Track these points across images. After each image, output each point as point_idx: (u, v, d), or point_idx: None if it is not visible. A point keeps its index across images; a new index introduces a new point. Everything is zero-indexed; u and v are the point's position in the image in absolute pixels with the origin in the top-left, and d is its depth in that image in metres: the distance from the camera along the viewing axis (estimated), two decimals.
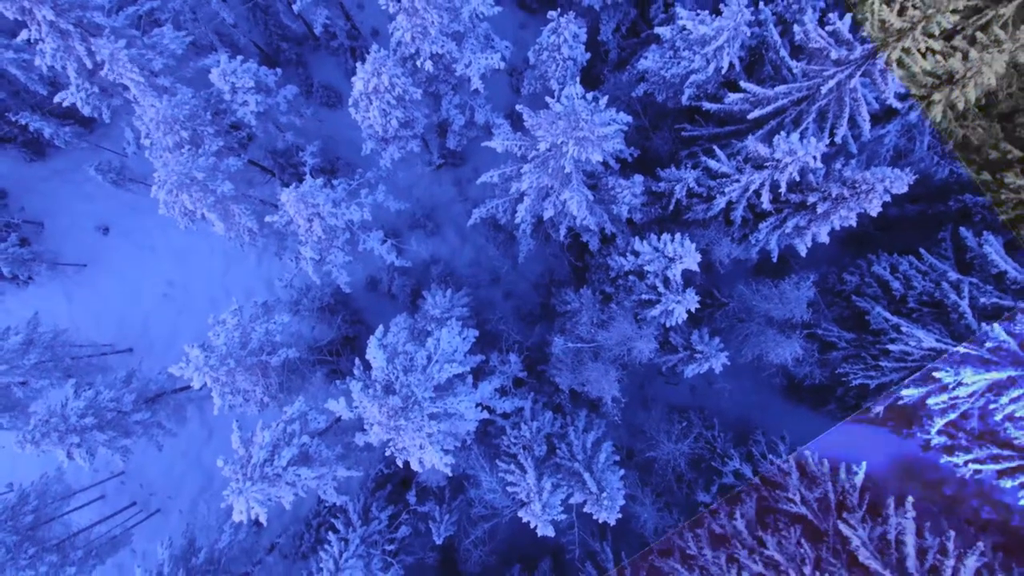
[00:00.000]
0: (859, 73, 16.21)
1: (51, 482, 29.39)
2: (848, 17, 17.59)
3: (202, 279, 36.56)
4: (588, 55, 24.30)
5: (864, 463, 24.61)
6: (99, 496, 36.08)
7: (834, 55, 16.43)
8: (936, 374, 19.32)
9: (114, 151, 35.58)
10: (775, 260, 22.74)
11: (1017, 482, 24.43)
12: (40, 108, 30.34)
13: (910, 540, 22.41)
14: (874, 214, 16.85)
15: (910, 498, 22.55)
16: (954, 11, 13.66)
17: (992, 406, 21.81)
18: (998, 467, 24.73)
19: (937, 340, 20.09)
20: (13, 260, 31.25)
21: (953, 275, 22.12)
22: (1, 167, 36.92)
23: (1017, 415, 22.38)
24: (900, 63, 15.97)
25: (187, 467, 36.12)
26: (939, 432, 26.04)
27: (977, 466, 25.01)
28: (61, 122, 30.73)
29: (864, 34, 16.00)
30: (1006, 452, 24.91)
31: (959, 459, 25.37)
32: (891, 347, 21.23)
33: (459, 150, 29.91)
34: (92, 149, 35.12)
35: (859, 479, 24.36)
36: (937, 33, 14.68)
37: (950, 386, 18.98)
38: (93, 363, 31.72)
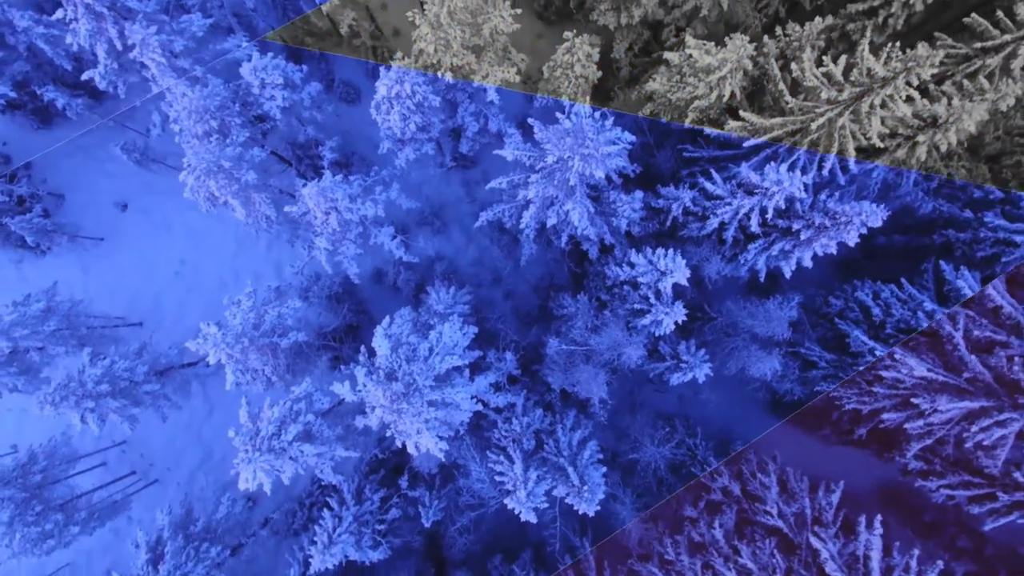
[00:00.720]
0: (848, 112, 17.49)
1: (59, 445, 30.64)
2: (843, 59, 18.90)
3: (214, 260, 37.82)
4: (600, 73, 25.61)
5: (842, 482, 25.85)
6: (101, 463, 37.35)
7: (825, 95, 17.72)
8: (914, 400, 20.62)
9: (137, 131, 36.87)
10: (763, 280, 24.04)
11: (985, 508, 25.58)
12: (62, 81, 31.49)
13: (875, 556, 23.63)
14: (852, 244, 18.14)
15: (879, 516, 23.74)
16: (932, 65, 14.96)
17: (965, 434, 23.09)
18: (968, 493, 25.85)
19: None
20: (37, 230, 32.53)
21: (929, 305, 23.39)
22: (24, 140, 38.24)
23: (986, 444, 23.66)
24: (884, 106, 17.22)
25: (188, 441, 37.35)
26: (916, 457, 27.31)
27: (949, 491, 26.16)
28: (82, 98, 31.88)
29: (853, 78, 17.26)
30: (976, 479, 26.06)
31: (933, 484, 26.59)
32: (884, 374, 22.41)
33: (471, 154, 31.20)
34: (117, 128, 36.39)
35: (836, 497, 25.56)
36: (916, 84, 15.99)
37: (927, 412, 20.23)
38: (106, 334, 32.95)
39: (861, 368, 23.02)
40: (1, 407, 36.41)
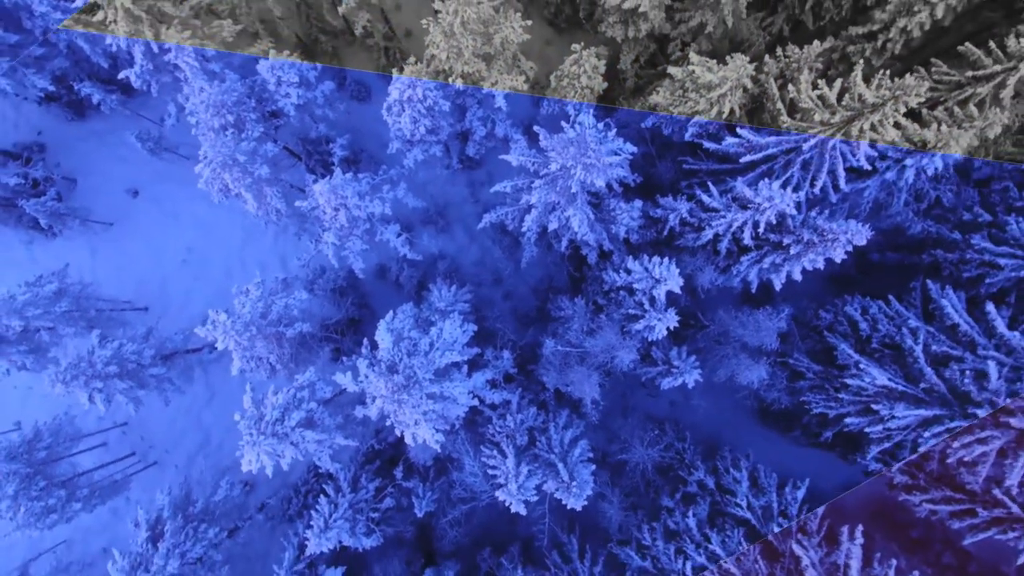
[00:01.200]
0: (839, 135, 18.31)
1: (63, 423, 31.40)
2: (838, 83, 19.72)
3: (220, 250, 38.60)
4: (605, 84, 26.40)
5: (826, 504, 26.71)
6: (101, 443, 38.08)
7: (818, 116, 18.55)
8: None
9: (152, 120, 37.66)
10: (754, 291, 24.86)
11: (965, 524, 26.36)
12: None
13: (855, 565, 24.44)
14: (838, 260, 18.97)
15: (860, 527, 24.56)
16: (918, 95, 15.77)
17: (948, 450, 23.90)
18: (950, 508, 26.62)
19: (890, 379, 22.21)
20: (51, 213, 33.29)
21: (914, 322, 24.20)
22: (42, 123, 39.05)
23: (967, 460, 24.46)
24: (874, 130, 18.05)
25: (188, 425, 38.12)
26: (902, 472, 28.16)
27: (932, 506, 26.94)
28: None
29: (845, 102, 18.08)
30: (958, 495, 26.83)
31: (916, 498, 27.39)
32: (849, 382, 23.36)
33: (477, 157, 32.02)
34: (132, 116, 37.16)
35: (820, 508, 26.37)
36: (903, 112, 16.81)
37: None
38: (113, 317, 33.73)
39: (847, 379, 23.82)
40: (7, 384, 37.17)
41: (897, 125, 18.13)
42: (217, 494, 30.45)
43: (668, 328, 21.86)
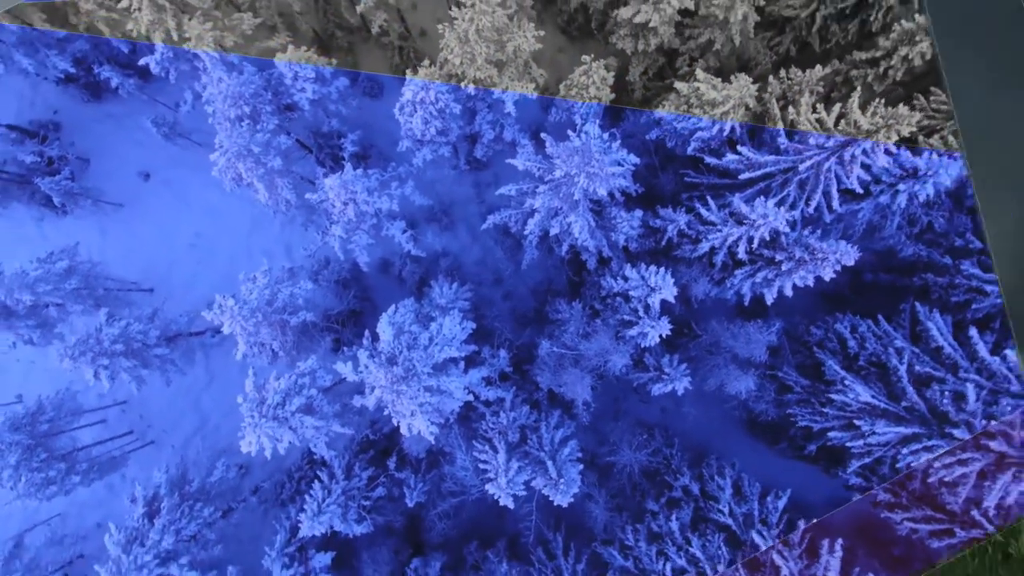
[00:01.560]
0: (833, 158, 19.00)
1: (65, 398, 32.01)
2: (836, 107, 20.41)
3: (228, 236, 39.23)
4: (613, 95, 27.08)
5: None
6: (101, 420, 38.72)
7: (814, 140, 19.26)
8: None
9: (167, 105, 38.32)
10: (747, 304, 25.54)
11: (944, 543, 26.98)
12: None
13: None
14: (827, 279, 19.66)
15: (839, 540, 25.22)
16: (909, 124, 16.48)
17: (930, 470, 24.57)
18: (930, 527, 27.27)
19: (873, 396, 22.91)
20: (64, 192, 33.95)
21: (900, 343, 24.90)
22: (59, 102, 39.71)
23: (948, 480, 25.13)
24: (867, 156, 18.76)
25: (186, 406, 38.76)
26: (885, 490, 28.85)
27: (912, 524, 27.59)
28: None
29: (841, 127, 18.78)
30: (938, 515, 27.49)
31: (898, 516, 28.02)
32: (835, 397, 24.06)
33: (484, 159, 32.70)
34: (148, 101, 37.82)
35: (801, 521, 27.06)
36: (895, 139, 17.51)
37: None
38: (119, 297, 34.40)
39: (831, 395, 24.50)
40: (11, 357, 37.83)
41: (888, 152, 18.85)
42: (213, 475, 31.08)
43: (661, 335, 22.54)
